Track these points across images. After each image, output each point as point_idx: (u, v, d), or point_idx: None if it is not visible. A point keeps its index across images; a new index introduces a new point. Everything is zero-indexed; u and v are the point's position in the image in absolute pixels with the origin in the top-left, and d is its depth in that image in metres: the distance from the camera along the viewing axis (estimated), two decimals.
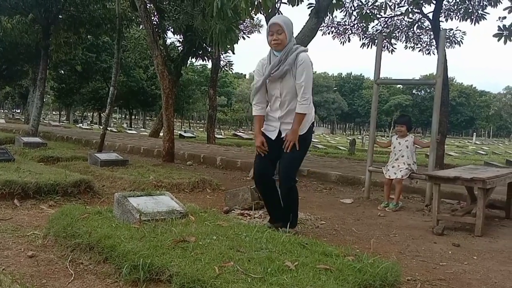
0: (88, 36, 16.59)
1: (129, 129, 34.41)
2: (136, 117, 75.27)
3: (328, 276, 2.46)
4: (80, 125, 39.00)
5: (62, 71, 37.24)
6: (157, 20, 12.13)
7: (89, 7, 12.67)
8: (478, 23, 10.80)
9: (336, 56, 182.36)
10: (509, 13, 9.06)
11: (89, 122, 52.41)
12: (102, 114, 46.15)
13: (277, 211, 3.94)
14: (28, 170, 5.41)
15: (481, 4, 10.72)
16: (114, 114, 69.04)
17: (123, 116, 75.00)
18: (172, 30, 12.94)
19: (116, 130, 27.91)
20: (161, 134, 12.83)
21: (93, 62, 33.81)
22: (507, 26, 9.04)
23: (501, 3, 10.15)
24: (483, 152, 24.78)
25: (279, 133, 3.82)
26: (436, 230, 4.29)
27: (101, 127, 10.55)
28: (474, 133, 68.34)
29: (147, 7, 9.72)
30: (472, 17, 10.77)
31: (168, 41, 16.25)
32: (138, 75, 42.19)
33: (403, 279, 2.90)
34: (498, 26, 9.13)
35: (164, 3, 11.92)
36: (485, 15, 10.72)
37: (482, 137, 79.86)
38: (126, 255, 2.62)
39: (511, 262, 3.51)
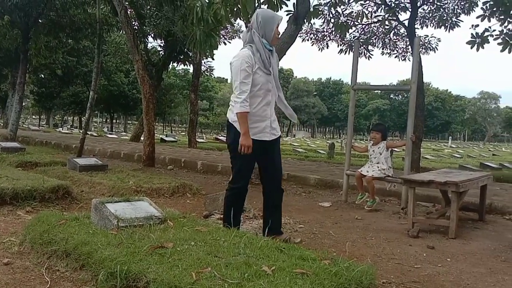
0: (69, 40, 16.48)
1: (109, 133, 34.10)
2: (117, 121, 74.70)
3: (305, 280, 2.48)
4: (60, 129, 38.50)
5: (42, 75, 36.74)
6: (138, 25, 12.11)
7: (69, 11, 12.61)
8: (453, 30, 11.13)
9: (316, 61, 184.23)
10: (481, 21, 9.32)
11: (69, 126, 51.78)
12: (82, 118, 45.73)
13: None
14: (5, 176, 5.35)
15: (455, 12, 11.02)
16: (95, 118, 68.43)
17: (104, 120, 74.35)
18: (153, 35, 12.97)
19: (96, 135, 27.65)
20: (142, 138, 12.77)
21: (73, 66, 33.45)
22: (479, 34, 9.29)
23: (474, 11, 10.45)
24: (458, 155, 25.23)
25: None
26: (411, 233, 4.38)
27: (81, 131, 10.48)
28: (450, 137, 69.85)
29: (128, 12, 9.69)
30: (447, 25, 11.08)
31: (149, 46, 16.21)
32: (119, 79, 42.01)
33: (378, 282, 2.94)
34: (471, 34, 9.37)
35: (145, 8, 11.91)
36: (459, 22, 11.02)
37: (458, 141, 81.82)
38: (103, 262, 2.62)
39: (483, 264, 3.59)
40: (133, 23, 11.52)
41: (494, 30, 9.43)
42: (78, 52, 25.34)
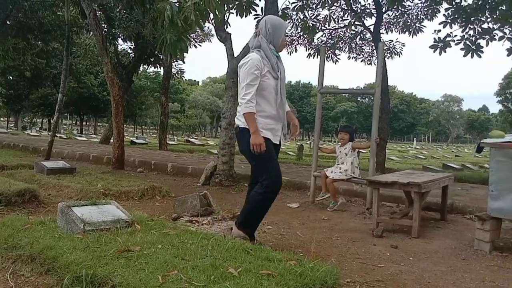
0: (38, 42, 16.18)
1: (79, 136, 33.45)
2: (88, 123, 73.44)
3: (270, 281, 2.51)
4: (29, 131, 37.62)
5: (11, 77, 35.89)
6: (107, 28, 11.99)
7: (38, 13, 12.38)
8: (416, 35, 11.47)
9: (285, 65, 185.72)
10: (444, 27, 9.64)
11: (38, 129, 50.63)
12: (51, 121, 44.72)
13: None
14: None
15: (419, 18, 11.36)
16: (64, 121, 67.08)
17: (74, 123, 73.01)
18: (123, 37, 12.86)
19: (65, 137, 27.12)
20: (112, 141, 12.63)
21: (43, 68, 32.76)
22: (441, 39, 9.61)
23: (437, 17, 10.78)
24: (422, 157, 25.81)
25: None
26: (375, 233, 4.50)
27: (50, 134, 10.31)
28: (415, 138, 71.72)
29: (97, 14, 9.60)
30: (410, 30, 11.43)
31: (120, 48, 16.06)
32: (89, 81, 41.43)
33: (342, 281, 2.99)
34: (434, 38, 9.69)
35: (115, 11, 11.81)
36: (422, 28, 11.35)
37: (422, 142, 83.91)
38: (68, 266, 2.61)
39: (444, 262, 3.71)
40: (103, 25, 11.40)
41: (455, 36, 9.79)
42: (47, 54, 24.84)
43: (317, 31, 11.74)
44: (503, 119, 52.99)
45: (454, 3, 9.71)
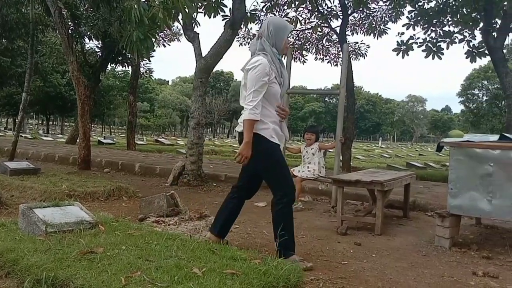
0: (3, 41, 15.71)
1: (45, 136, 32.62)
2: (54, 123, 71.76)
3: (234, 280, 2.53)
4: None
5: None
6: (73, 26, 11.75)
7: (1, 11, 12.01)
8: (381, 37, 11.70)
9: None
10: (407, 29, 9.88)
11: (2, 129, 49.09)
12: (16, 120, 43.48)
13: None
14: None
15: (383, 20, 11.61)
16: (30, 120, 65.36)
17: (40, 122, 71.22)
18: (90, 36, 12.61)
19: (31, 137, 26.47)
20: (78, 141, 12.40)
21: (7, 66, 31.75)
22: (404, 42, 9.86)
23: (401, 19, 11.05)
24: (387, 155, 26.31)
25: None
26: (340, 230, 4.59)
27: (14, 133, 10.07)
28: (380, 138, 73.33)
29: (62, 12, 9.41)
30: (375, 32, 11.65)
31: (87, 47, 15.75)
32: (55, 80, 40.42)
33: (306, 279, 3.04)
34: (397, 41, 9.92)
35: (81, 9, 11.58)
36: (387, 30, 11.61)
37: (388, 141, 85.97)
38: (29, 268, 2.56)
39: (405, 259, 3.82)
40: (69, 23, 11.17)
41: (418, 38, 10.06)
42: (12, 52, 24.13)
43: None
44: (465, 119, 54.52)
45: (417, 6, 9.97)
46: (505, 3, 8.39)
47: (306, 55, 13.24)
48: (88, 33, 12.37)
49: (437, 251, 4.09)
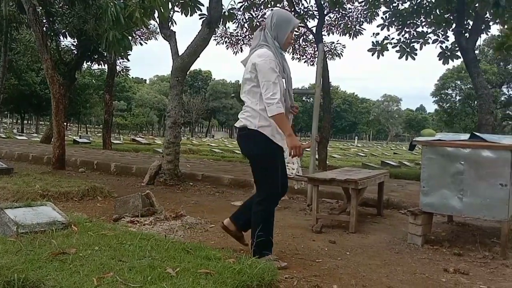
0: None
1: (19, 135, 31.93)
2: (29, 121, 70.36)
3: (208, 280, 2.52)
4: None
5: None
6: (48, 24, 11.55)
7: None
8: (356, 38, 11.84)
9: (233, 64, 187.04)
10: (381, 30, 10.02)
11: None
12: None
13: None
14: None
15: (359, 20, 11.75)
16: (4, 119, 63.91)
17: (15, 121, 69.77)
18: (65, 33, 12.42)
19: (5, 136, 25.92)
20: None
21: None
22: (379, 42, 10.00)
23: (375, 20, 11.20)
24: (363, 154, 26.59)
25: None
26: (315, 228, 4.63)
27: None
28: (356, 137, 74.22)
29: (37, 10, 9.25)
30: (351, 32, 11.78)
31: (63, 44, 15.50)
32: (30, 78, 39.60)
33: (281, 277, 3.06)
34: (372, 42, 10.06)
35: (56, 6, 11.40)
36: (362, 30, 11.76)
37: (364, 140, 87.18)
38: None
39: (379, 256, 3.88)
40: (43, 21, 10.98)
41: (392, 39, 10.23)
42: None
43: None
44: (438, 118, 55.62)
45: (391, 7, 10.13)
46: (477, 4, 8.58)
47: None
48: (63, 30, 12.19)
49: (410, 248, 4.17)
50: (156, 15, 7.06)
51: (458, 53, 9.64)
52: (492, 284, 3.25)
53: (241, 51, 13.42)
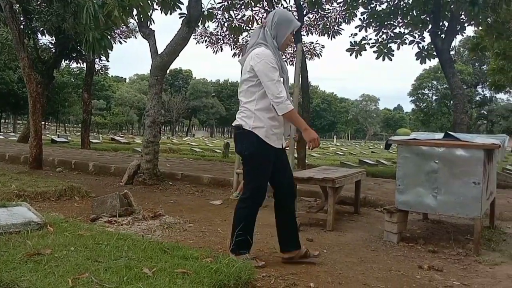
0: None
1: None
2: (7, 120, 69.05)
3: (185, 279, 2.52)
4: None
5: None
6: (25, 21, 11.36)
7: None
8: (335, 38, 11.95)
9: (214, 63, 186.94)
10: (359, 30, 10.13)
11: None
12: None
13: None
14: None
15: (337, 21, 11.86)
16: None
17: None
18: (43, 31, 12.23)
19: None
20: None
21: None
22: (357, 42, 10.11)
23: (354, 20, 11.33)
24: (341, 153, 26.89)
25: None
26: None
27: None
28: (335, 136, 75.01)
29: (14, 7, 9.10)
30: (329, 32, 11.89)
31: (41, 42, 15.25)
32: (7, 77, 38.87)
33: (258, 276, 3.06)
34: (351, 42, 10.17)
35: (33, 4, 11.22)
36: (341, 31, 11.88)
37: (342, 139, 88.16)
38: None
39: (355, 254, 3.93)
40: (20, 18, 10.80)
41: (370, 39, 10.35)
42: None
43: (243, 30, 11.91)
44: (415, 117, 56.61)
45: (369, 7, 10.25)
46: (452, 6, 8.74)
47: None
48: (41, 28, 12.00)
49: (386, 245, 4.23)
50: (135, 13, 7.02)
51: (435, 53, 9.80)
52: (465, 280, 3.32)
53: (221, 50, 13.47)
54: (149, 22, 8.18)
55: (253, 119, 3.29)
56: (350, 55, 10.12)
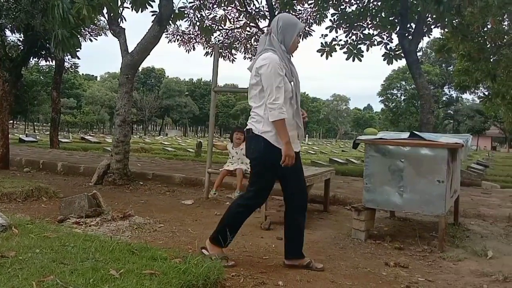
0: None
1: None
2: None
3: (152, 280, 2.51)
4: None
5: None
6: None
7: None
8: (306, 39, 12.05)
9: (187, 62, 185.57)
10: (330, 31, 10.25)
11: None
12: None
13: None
14: None
15: (308, 22, 11.97)
16: None
17: None
18: (11, 28, 11.93)
19: None
20: None
21: None
22: (328, 43, 10.24)
23: (324, 21, 11.45)
24: (312, 152, 27.19)
25: None
26: (263, 226, 4.70)
27: None
28: (307, 135, 75.62)
29: None
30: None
31: (9, 39, 14.85)
32: None
33: (228, 275, 3.08)
34: (321, 43, 10.28)
35: (1, 0, 10.94)
36: (312, 32, 11.99)
37: (314, 138, 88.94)
38: None
39: (324, 252, 3.97)
40: None
41: (340, 40, 10.49)
42: None
43: (214, 31, 11.90)
44: (385, 117, 57.67)
45: (339, 9, 10.38)
46: (419, 8, 8.92)
47: (235, 54, 13.38)
48: (9, 25, 11.71)
49: (354, 243, 4.30)
50: (105, 11, 6.92)
51: (402, 55, 10.00)
52: (430, 277, 3.41)
53: (194, 50, 13.44)
54: (120, 20, 8.09)
55: (262, 123, 3.32)
56: (321, 55, 10.23)
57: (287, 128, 3.29)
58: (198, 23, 11.58)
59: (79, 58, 12.20)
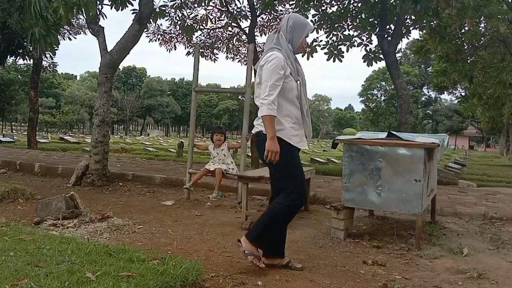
0: None
1: None
2: None
3: (130, 283, 2.49)
4: None
5: None
6: None
7: None
8: None
9: (169, 61, 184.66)
10: (311, 32, 10.29)
11: None
12: None
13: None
14: None
15: None
16: None
17: None
18: None
19: None
20: None
21: None
22: (309, 44, 10.28)
23: None
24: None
25: None
26: (244, 226, 4.70)
27: None
28: None
29: None
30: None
31: None
32: None
33: (207, 276, 3.07)
34: None
35: None
36: None
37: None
38: None
39: (303, 251, 3.98)
40: None
41: (321, 41, 10.54)
42: None
43: (195, 30, 11.85)
44: (365, 117, 58.30)
45: (320, 10, 10.44)
46: (398, 10, 9.03)
47: (217, 54, 13.36)
48: None
49: (333, 242, 4.33)
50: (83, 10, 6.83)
51: (382, 56, 10.11)
52: (407, 274, 3.45)
53: (175, 49, 13.34)
54: (101, 17, 8.02)
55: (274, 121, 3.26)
56: (302, 56, 10.27)
57: (294, 126, 3.33)
58: (179, 22, 11.51)
59: (54, 55, 11.98)
